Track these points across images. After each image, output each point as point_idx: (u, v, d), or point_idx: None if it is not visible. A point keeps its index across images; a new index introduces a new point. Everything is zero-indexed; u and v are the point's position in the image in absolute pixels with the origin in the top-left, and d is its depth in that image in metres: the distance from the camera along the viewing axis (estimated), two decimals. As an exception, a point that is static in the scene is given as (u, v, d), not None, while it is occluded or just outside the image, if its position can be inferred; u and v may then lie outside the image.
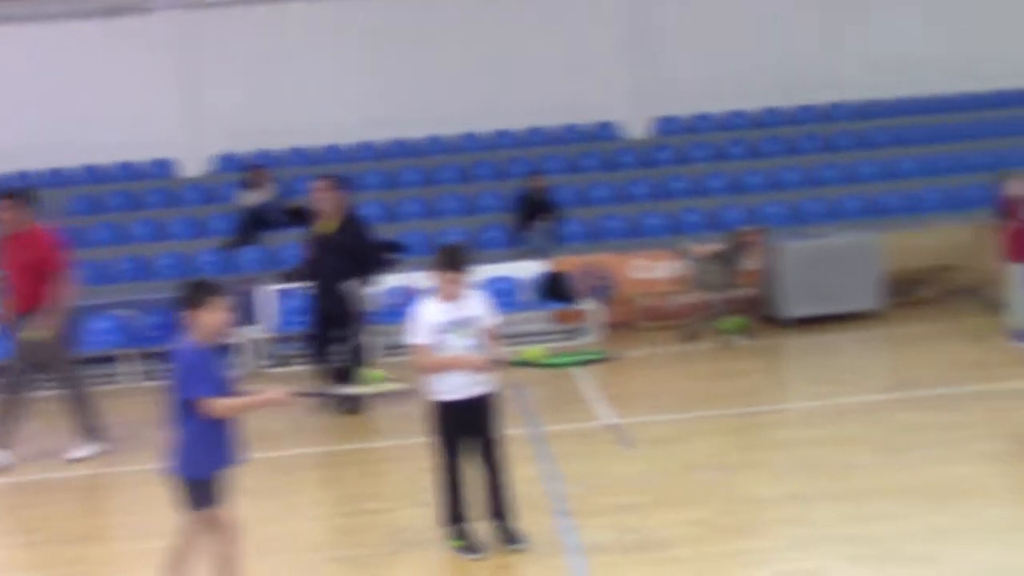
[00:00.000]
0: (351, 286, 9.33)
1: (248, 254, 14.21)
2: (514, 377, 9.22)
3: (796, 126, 16.82)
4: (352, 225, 9.45)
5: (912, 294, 12.88)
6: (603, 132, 17.19)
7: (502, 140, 17.09)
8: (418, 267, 9.19)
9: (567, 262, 13.04)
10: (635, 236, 14.57)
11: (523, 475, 6.75)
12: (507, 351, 6.20)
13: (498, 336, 5.77)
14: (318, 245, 9.45)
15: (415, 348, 5.57)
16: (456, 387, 5.56)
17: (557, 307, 12.64)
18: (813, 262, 12.02)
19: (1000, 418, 7.70)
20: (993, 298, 11.00)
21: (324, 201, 9.40)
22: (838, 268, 11.99)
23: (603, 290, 12.70)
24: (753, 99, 17.06)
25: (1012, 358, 9.30)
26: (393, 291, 11.25)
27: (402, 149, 16.93)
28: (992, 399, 8.20)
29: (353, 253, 9.28)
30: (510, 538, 5.70)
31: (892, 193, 15.06)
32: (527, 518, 5.86)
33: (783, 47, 16.90)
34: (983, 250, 11.07)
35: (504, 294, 12.75)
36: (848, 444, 7.31)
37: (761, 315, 12.36)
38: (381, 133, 16.73)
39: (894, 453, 6.99)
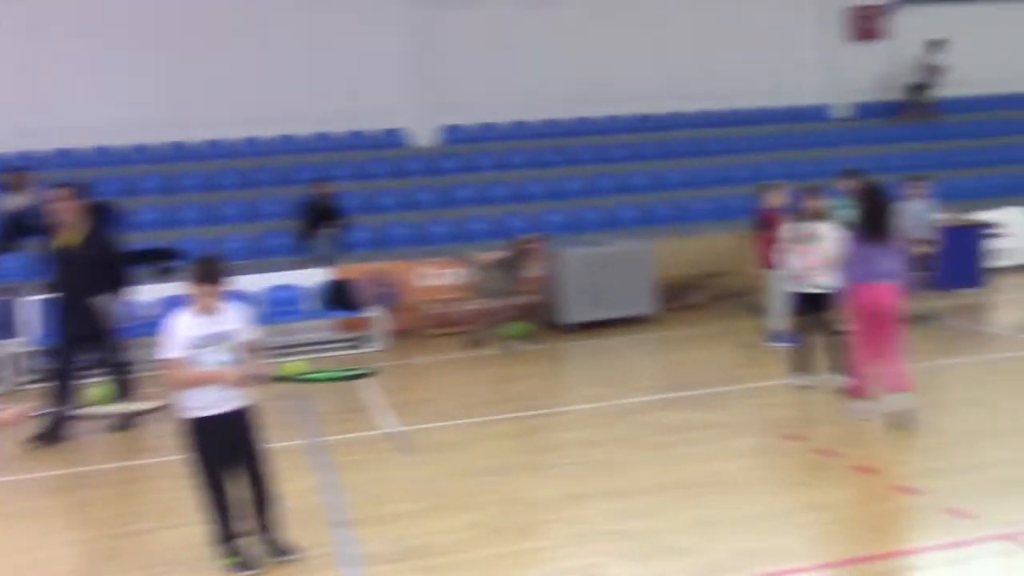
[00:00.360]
0: (101, 301, 8.65)
1: (8, 262, 13.25)
2: (279, 391, 9.06)
3: (576, 138, 17.37)
4: (98, 237, 8.72)
5: (683, 299, 13.59)
6: (390, 139, 17.16)
7: (287, 145, 16.74)
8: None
9: (353, 269, 12.93)
10: (422, 243, 14.63)
11: (301, 487, 6.65)
12: (266, 365, 6.04)
13: (257, 350, 5.64)
14: (60, 259, 8.64)
15: (168, 363, 5.36)
16: (209, 403, 5.40)
17: (342, 315, 12.50)
18: (592, 269, 12.48)
19: (758, 415, 8.24)
20: (755, 303, 11.75)
21: (64, 211, 8.57)
22: (615, 275, 12.50)
23: (389, 298, 12.66)
24: (536, 111, 17.50)
25: (770, 358, 9.94)
26: (164, 301, 10.72)
27: (181, 152, 16.28)
28: (752, 397, 8.76)
29: (100, 267, 8.61)
30: (279, 551, 5.59)
31: (663, 203, 15.82)
32: (304, 530, 5.77)
33: (566, 61, 17.43)
34: (746, 257, 11.79)
35: (287, 303, 12.53)
36: (622, 444, 7.61)
37: (544, 321, 12.69)
38: (158, 136, 16.02)
39: (662, 451, 7.33)
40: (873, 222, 7.67)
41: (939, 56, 18.64)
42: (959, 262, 13.11)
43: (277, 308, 12.33)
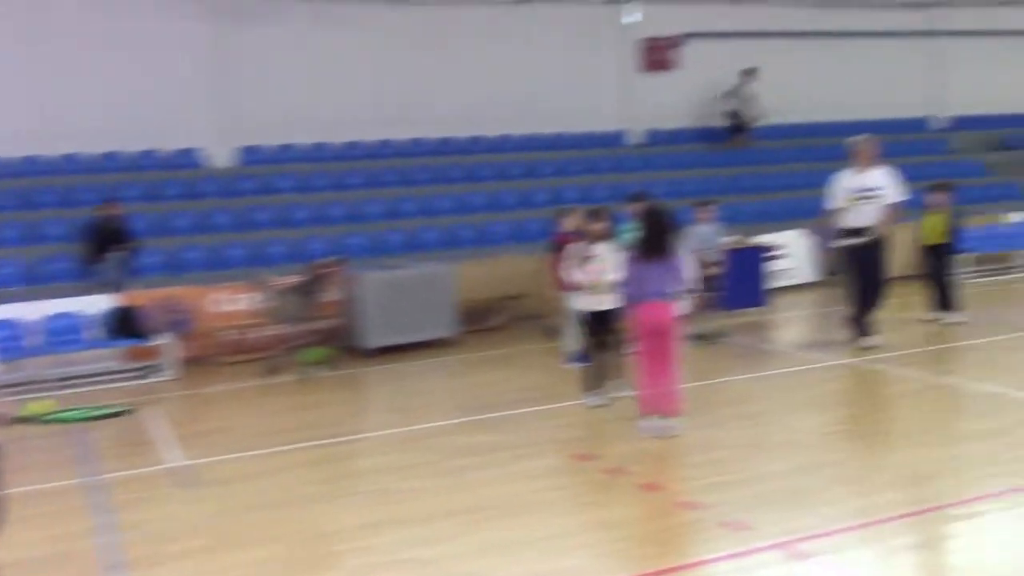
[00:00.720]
0: None
1: None
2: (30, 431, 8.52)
3: (378, 160, 17.28)
4: None
5: (484, 322, 13.71)
6: (185, 160, 16.55)
7: (70, 165, 15.85)
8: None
9: (141, 295, 12.34)
10: (218, 267, 14.15)
11: (73, 529, 6.26)
12: (9, 404, 5.63)
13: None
14: None
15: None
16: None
17: (128, 344, 11.89)
18: (391, 293, 12.41)
19: (552, 436, 8.36)
20: (553, 324, 11.97)
21: None
22: (415, 298, 12.48)
23: (180, 324, 12.15)
24: (338, 133, 17.29)
25: (565, 380, 10.13)
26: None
27: (-49, 171, 15.16)
28: (546, 418, 8.90)
29: None
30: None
31: (466, 226, 15.95)
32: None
33: (369, 83, 17.35)
34: (544, 280, 11.99)
35: (67, 331, 11.85)
36: (416, 469, 7.54)
37: (343, 346, 12.50)
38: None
39: (457, 475, 7.31)
40: (651, 242, 8.01)
41: (752, 85, 19.78)
42: (743, 283, 13.81)
43: (56, 337, 11.62)
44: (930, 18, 21.93)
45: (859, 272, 10.70)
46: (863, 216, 10.55)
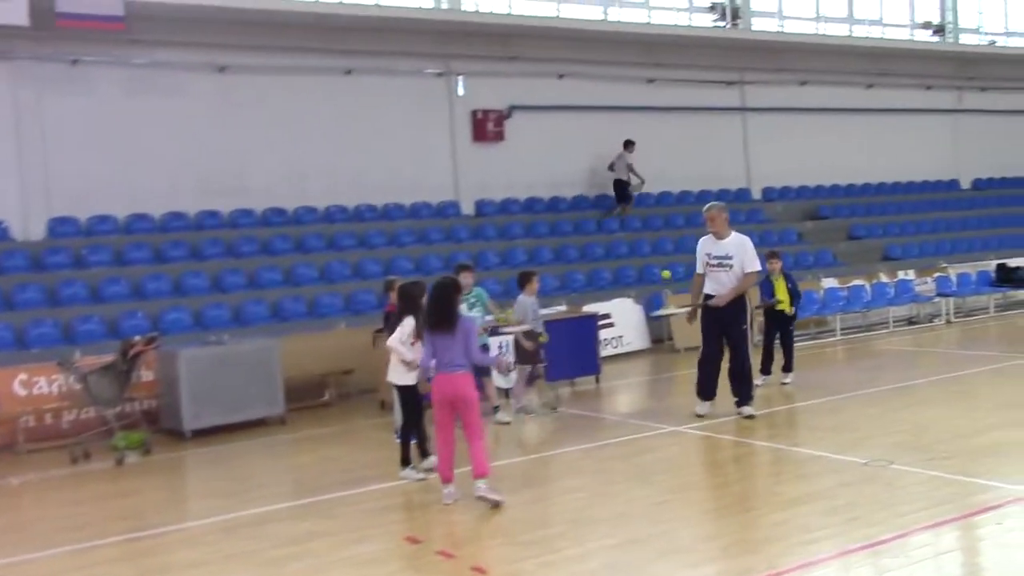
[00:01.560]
0: None
1: None
2: None
3: (201, 232, 16.64)
4: None
5: (313, 398, 13.25)
6: (-13, 232, 15.49)
7: None
8: None
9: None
10: (23, 347, 13.19)
11: None
12: None
13: None
14: None
15: None
16: None
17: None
18: (212, 370, 11.79)
19: (381, 518, 8.01)
20: (385, 400, 11.65)
21: None
22: (238, 375, 11.90)
23: (-25, 411, 11.18)
24: (158, 204, 16.56)
25: (397, 456, 9.81)
26: None
27: None
28: (376, 499, 8.54)
29: None
30: None
31: (294, 299, 15.48)
32: None
33: (192, 152, 16.74)
34: (376, 354, 11.69)
35: None
36: (235, 561, 7.06)
37: (161, 428, 11.79)
38: None
39: (281, 566, 6.88)
40: (436, 315, 8.10)
41: (630, 156, 20.35)
42: (576, 352, 13.86)
43: None
44: (743, 95, 23.12)
45: (716, 339, 10.76)
46: (718, 283, 10.68)
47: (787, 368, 12.92)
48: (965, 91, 26.73)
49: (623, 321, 16.69)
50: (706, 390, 10.95)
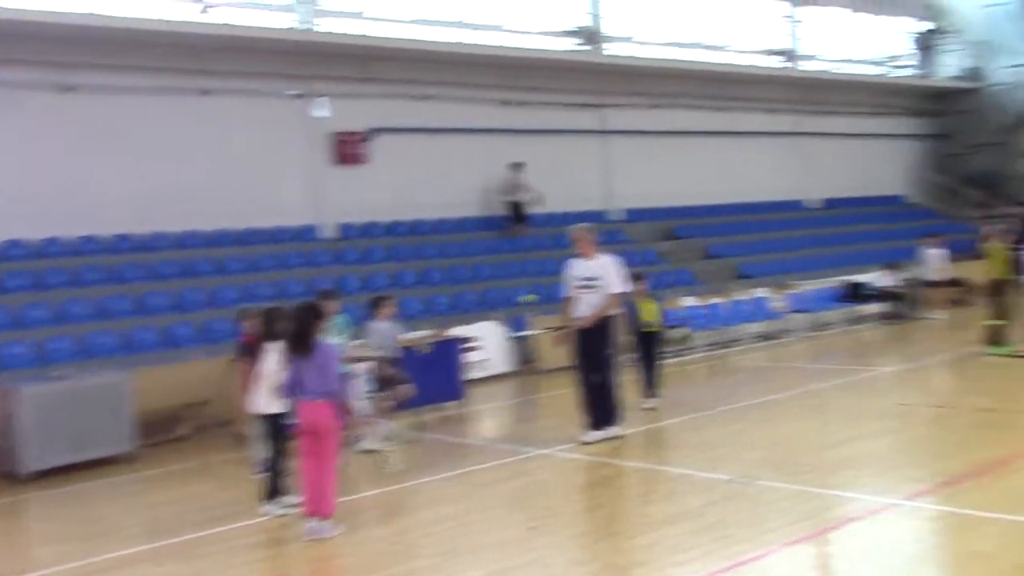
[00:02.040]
0: None
1: None
2: None
3: (43, 260, 15.72)
4: None
5: (168, 432, 12.65)
6: None
7: None
8: None
9: None
10: None
11: None
12: None
13: None
14: None
15: None
16: None
17: None
18: (54, 407, 11.07)
19: (242, 558, 7.65)
20: (242, 432, 11.18)
21: None
22: (84, 411, 11.23)
23: None
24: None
25: (256, 492, 9.41)
26: None
27: None
28: (237, 538, 8.16)
29: None
30: None
31: (145, 329, 14.78)
32: None
33: (31, 176, 15.81)
34: (233, 384, 11.21)
35: None
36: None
37: (-1, 471, 11.03)
38: None
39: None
40: (296, 339, 7.97)
41: (521, 176, 20.49)
42: (440, 376, 13.68)
43: None
44: (602, 118, 23.52)
45: (586, 360, 10.60)
46: (585, 305, 10.56)
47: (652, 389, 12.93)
48: (806, 115, 27.90)
49: (489, 344, 16.61)
50: (595, 416, 10.68)
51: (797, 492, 8.13)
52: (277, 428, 8.73)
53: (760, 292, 20.12)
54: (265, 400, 8.70)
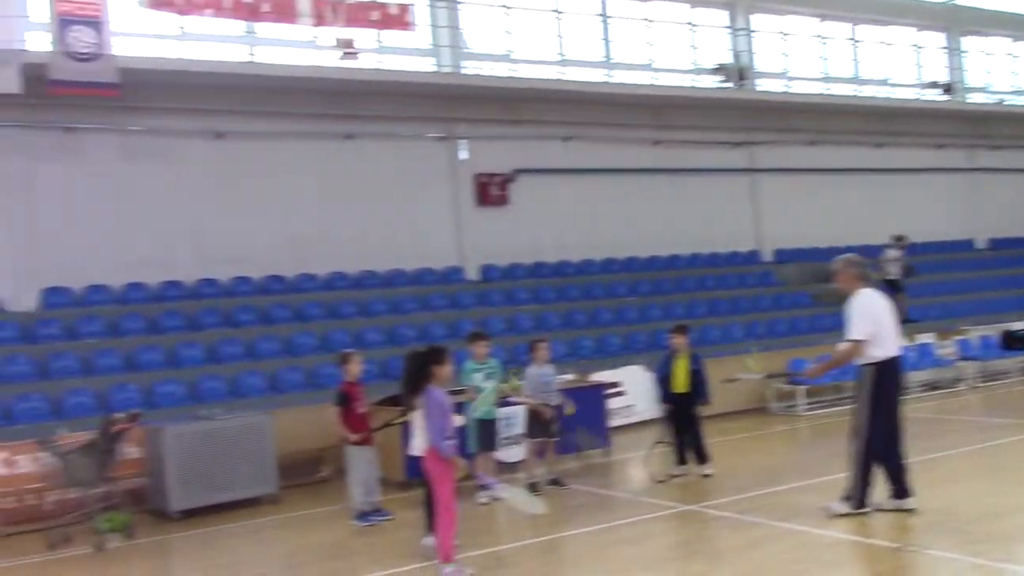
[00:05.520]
0: None
1: None
2: None
3: (199, 300, 16.17)
4: None
5: (310, 474, 12.64)
6: (-23, 303, 15.05)
7: None
8: None
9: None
10: (10, 422, 12.66)
11: None
12: None
13: None
14: None
15: None
16: None
17: None
18: (200, 447, 11.18)
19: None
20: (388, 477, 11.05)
21: None
22: (228, 452, 11.29)
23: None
24: (152, 272, 16.12)
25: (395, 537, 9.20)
26: None
27: None
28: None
29: None
30: None
31: (292, 369, 14.94)
32: None
33: (185, 221, 16.38)
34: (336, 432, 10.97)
35: None
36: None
37: (146, 509, 11.18)
38: None
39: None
40: (406, 385, 7.84)
41: (902, 248, 20.60)
42: (584, 423, 13.25)
43: None
44: (752, 156, 22.77)
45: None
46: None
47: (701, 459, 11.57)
48: (977, 150, 26.35)
49: (633, 389, 16.07)
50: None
51: (975, 566, 7.30)
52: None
53: (926, 338, 18.88)
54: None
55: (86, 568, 9.45)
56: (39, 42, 15.07)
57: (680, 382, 11.44)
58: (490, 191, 19.32)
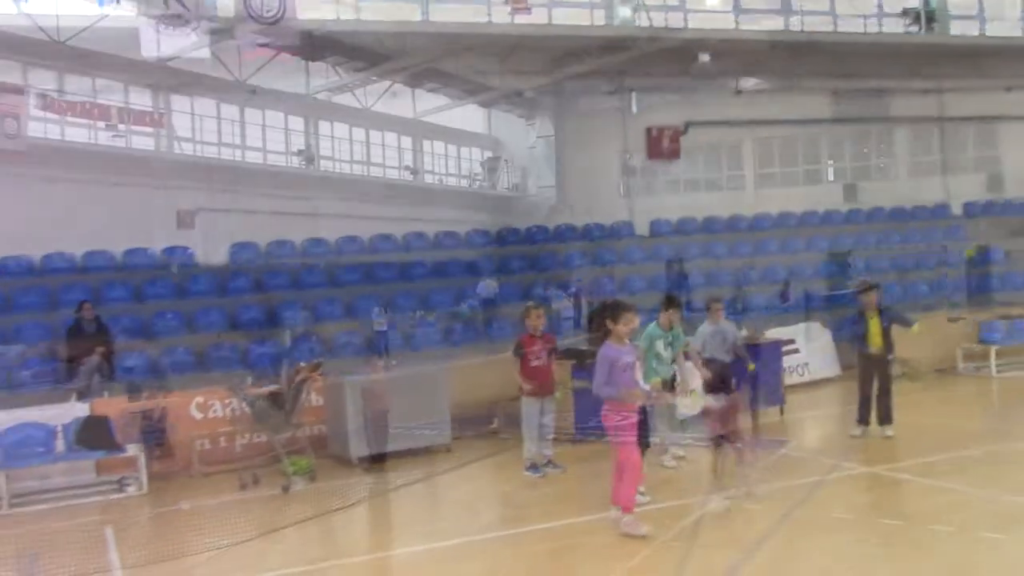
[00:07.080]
0: None
1: None
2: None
3: (372, 255, 16.69)
4: None
5: (483, 425, 12.84)
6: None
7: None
8: None
9: (113, 404, 11.51)
10: (204, 370, 13.42)
11: None
12: None
13: None
14: None
15: None
16: None
17: (97, 456, 11.02)
18: (378, 397, 11.50)
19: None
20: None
21: None
22: (404, 402, 11.55)
23: (154, 434, 11.31)
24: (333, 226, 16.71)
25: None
26: None
27: None
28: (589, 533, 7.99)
29: None
30: None
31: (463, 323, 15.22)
32: None
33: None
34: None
35: (34, 443, 11.00)
36: None
37: (328, 454, 11.64)
38: None
39: None
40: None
41: None
42: (761, 381, 12.92)
43: (19, 450, 10.79)
44: (940, 104, 21.47)
45: None
46: None
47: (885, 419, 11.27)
48: None
49: (809, 347, 15.57)
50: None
51: None
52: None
53: None
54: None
55: (272, 506, 9.88)
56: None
57: (876, 340, 11.13)
58: (661, 144, 19.00)
